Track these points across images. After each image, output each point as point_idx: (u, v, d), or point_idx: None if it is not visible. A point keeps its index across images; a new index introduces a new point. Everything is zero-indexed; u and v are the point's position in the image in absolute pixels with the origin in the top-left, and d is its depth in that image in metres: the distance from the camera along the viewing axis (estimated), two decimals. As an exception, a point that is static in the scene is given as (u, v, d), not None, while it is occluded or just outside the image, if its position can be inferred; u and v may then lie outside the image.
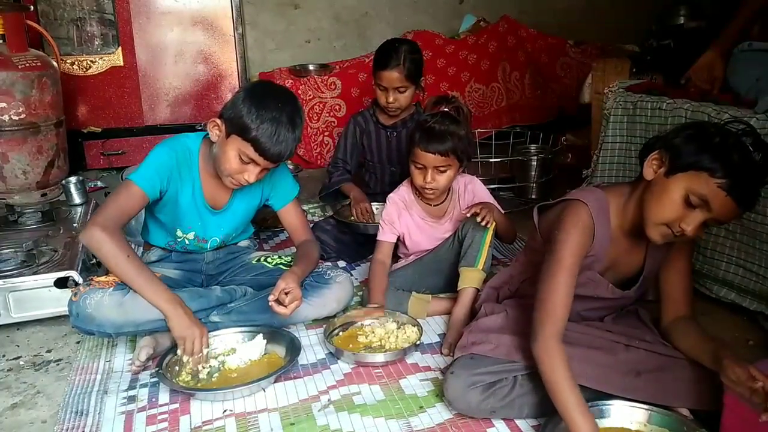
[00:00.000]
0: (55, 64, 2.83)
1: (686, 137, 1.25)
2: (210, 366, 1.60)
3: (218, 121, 1.61)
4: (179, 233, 1.78)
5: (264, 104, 1.55)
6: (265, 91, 1.61)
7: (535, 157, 3.02)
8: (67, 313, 1.58)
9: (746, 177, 1.19)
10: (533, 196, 3.01)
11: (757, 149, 1.21)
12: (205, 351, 1.58)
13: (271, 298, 1.61)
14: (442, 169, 1.85)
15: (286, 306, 1.60)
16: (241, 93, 1.59)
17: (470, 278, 1.79)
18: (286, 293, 1.60)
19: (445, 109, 1.88)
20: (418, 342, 1.68)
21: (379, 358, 1.63)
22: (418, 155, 1.84)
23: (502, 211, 1.94)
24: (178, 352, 1.57)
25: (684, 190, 1.23)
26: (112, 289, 1.57)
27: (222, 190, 1.76)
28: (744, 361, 1.20)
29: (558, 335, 1.27)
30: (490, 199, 1.99)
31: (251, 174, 1.60)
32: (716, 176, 1.18)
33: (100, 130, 3.61)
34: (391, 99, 2.38)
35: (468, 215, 1.85)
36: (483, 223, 1.80)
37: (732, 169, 1.18)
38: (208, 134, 1.66)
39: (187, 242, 1.80)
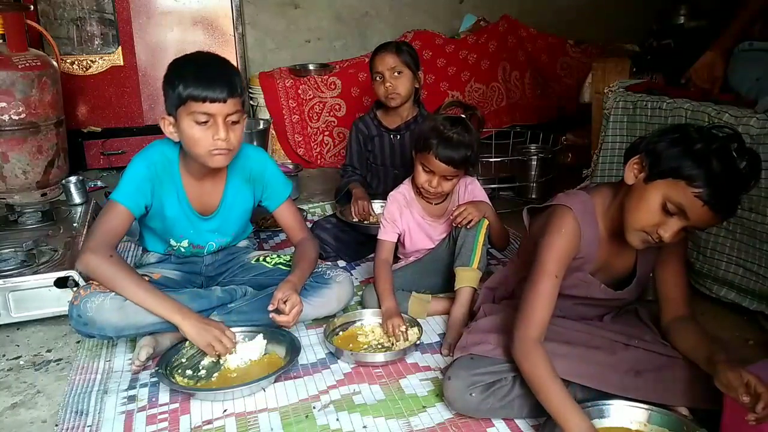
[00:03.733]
0: (55, 63, 2.83)
1: (668, 142, 1.22)
2: (200, 374, 1.59)
3: (165, 117, 1.59)
4: (173, 242, 1.78)
5: (177, 67, 1.57)
6: (175, 61, 1.62)
7: (535, 157, 3.01)
8: (67, 313, 1.58)
9: (725, 186, 1.17)
10: (533, 196, 3.01)
11: (742, 155, 1.18)
12: (230, 346, 1.57)
13: (270, 308, 1.60)
14: (449, 177, 1.86)
15: (287, 314, 1.59)
16: (163, 82, 1.58)
17: (466, 278, 1.79)
18: (284, 302, 1.60)
19: (462, 116, 1.88)
20: (418, 342, 1.68)
21: (379, 358, 1.63)
22: (430, 161, 1.82)
23: (497, 217, 1.93)
24: (212, 358, 1.59)
25: (661, 198, 1.21)
26: (112, 293, 1.56)
27: (209, 195, 1.73)
28: (741, 361, 1.20)
29: (537, 338, 1.29)
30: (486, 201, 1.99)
31: (218, 130, 1.52)
32: (694, 185, 1.16)
33: (100, 129, 3.61)
34: (388, 84, 2.37)
35: (452, 215, 1.86)
36: (457, 223, 1.82)
37: (711, 179, 1.15)
38: None
39: (182, 250, 1.80)
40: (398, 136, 2.51)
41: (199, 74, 1.52)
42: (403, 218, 1.99)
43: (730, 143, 1.19)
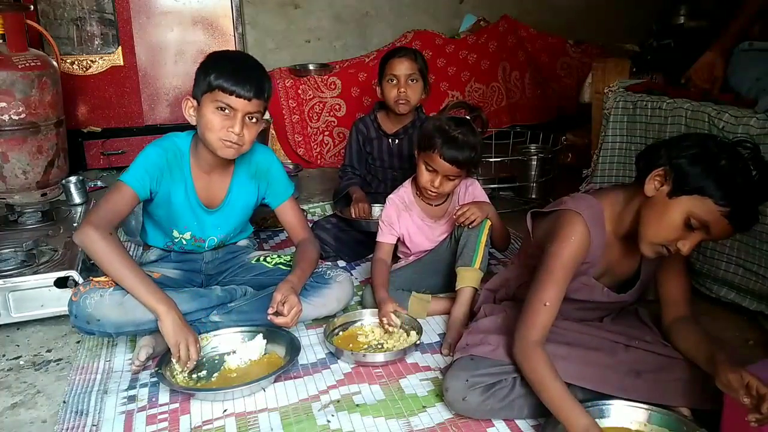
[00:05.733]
0: (55, 63, 2.83)
1: (691, 158, 1.22)
2: (200, 374, 1.57)
3: (189, 98, 1.65)
4: (176, 234, 1.78)
5: (215, 58, 1.65)
6: (215, 53, 1.70)
7: (535, 157, 3.01)
8: (67, 313, 1.58)
9: (751, 204, 1.19)
10: (533, 196, 3.01)
11: (757, 167, 1.19)
12: (195, 358, 1.54)
13: (270, 311, 1.60)
14: (452, 177, 1.86)
15: (286, 315, 1.59)
16: (198, 68, 1.64)
17: (467, 278, 1.79)
18: (284, 303, 1.60)
19: (467, 117, 1.88)
20: (418, 342, 1.68)
21: (379, 358, 1.63)
22: (435, 160, 1.82)
23: (499, 218, 1.93)
24: (173, 359, 1.54)
25: (686, 214, 1.21)
26: (112, 289, 1.56)
27: (216, 188, 1.76)
28: (742, 361, 1.20)
29: (538, 341, 1.29)
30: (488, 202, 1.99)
31: (235, 123, 1.58)
32: (720, 203, 1.17)
33: (100, 129, 3.61)
34: (402, 90, 2.37)
35: (456, 215, 1.87)
36: (460, 222, 1.82)
37: (736, 197, 1.17)
38: (197, 132, 1.66)
39: (184, 242, 1.80)
40: (396, 141, 2.51)
41: (233, 70, 1.59)
42: (402, 221, 1.99)
43: (752, 160, 1.20)
